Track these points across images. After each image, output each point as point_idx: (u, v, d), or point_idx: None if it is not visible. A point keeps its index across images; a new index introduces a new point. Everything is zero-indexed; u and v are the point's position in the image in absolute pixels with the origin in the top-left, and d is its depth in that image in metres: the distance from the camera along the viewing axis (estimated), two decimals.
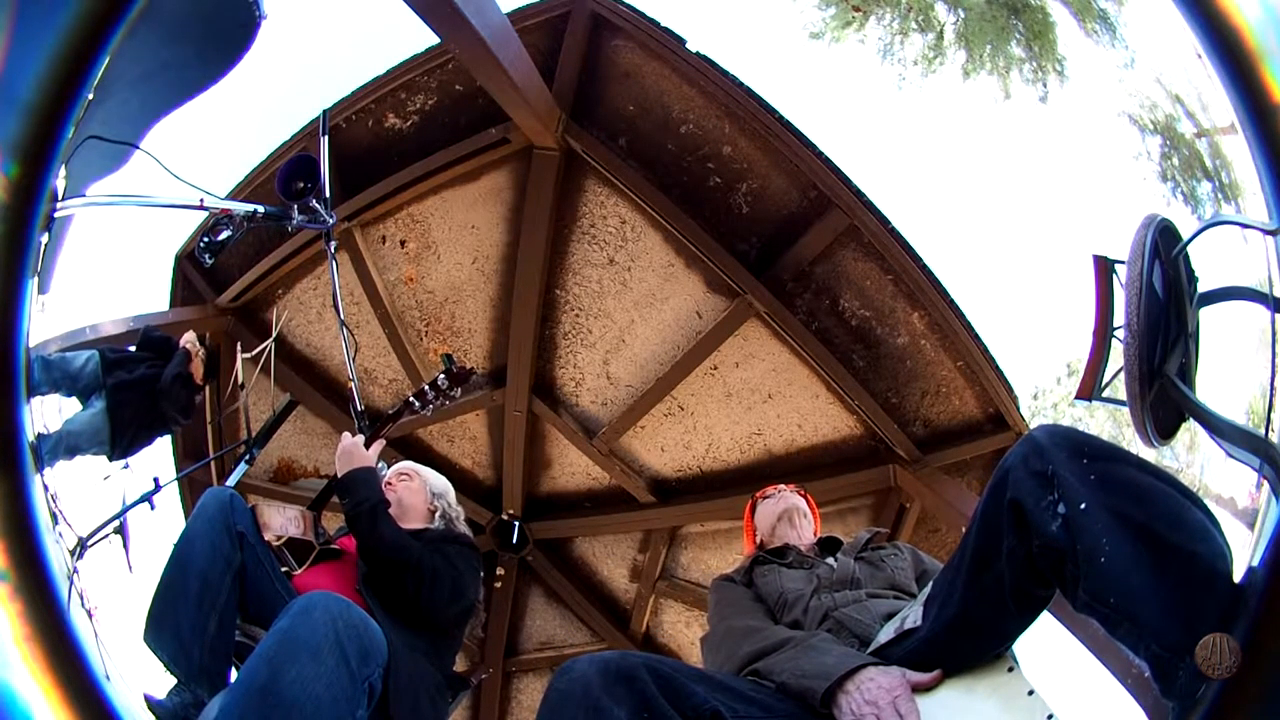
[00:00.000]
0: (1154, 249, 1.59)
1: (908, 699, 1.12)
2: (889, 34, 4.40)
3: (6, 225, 1.08)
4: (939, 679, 1.16)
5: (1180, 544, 0.95)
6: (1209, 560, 0.94)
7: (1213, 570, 0.93)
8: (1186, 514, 0.98)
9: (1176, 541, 0.95)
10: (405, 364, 4.22)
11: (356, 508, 1.83)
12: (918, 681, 1.15)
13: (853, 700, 1.13)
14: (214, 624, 1.58)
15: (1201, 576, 0.93)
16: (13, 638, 1.05)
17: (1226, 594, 0.92)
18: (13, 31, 1.05)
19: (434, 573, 1.77)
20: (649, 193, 3.57)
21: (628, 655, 1.05)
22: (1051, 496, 1.03)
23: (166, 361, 3.24)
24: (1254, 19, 1.05)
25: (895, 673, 1.16)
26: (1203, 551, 0.94)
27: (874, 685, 1.14)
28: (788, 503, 2.04)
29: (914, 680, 1.15)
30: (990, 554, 1.11)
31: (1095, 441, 1.07)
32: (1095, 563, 0.97)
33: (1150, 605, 0.93)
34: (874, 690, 1.13)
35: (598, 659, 1.04)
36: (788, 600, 1.62)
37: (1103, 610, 0.97)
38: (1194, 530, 0.97)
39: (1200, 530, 0.97)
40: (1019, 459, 1.09)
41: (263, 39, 3.12)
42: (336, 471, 1.94)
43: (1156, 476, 1.02)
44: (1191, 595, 0.92)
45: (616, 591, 4.83)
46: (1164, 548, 0.95)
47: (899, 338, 3.64)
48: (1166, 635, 0.91)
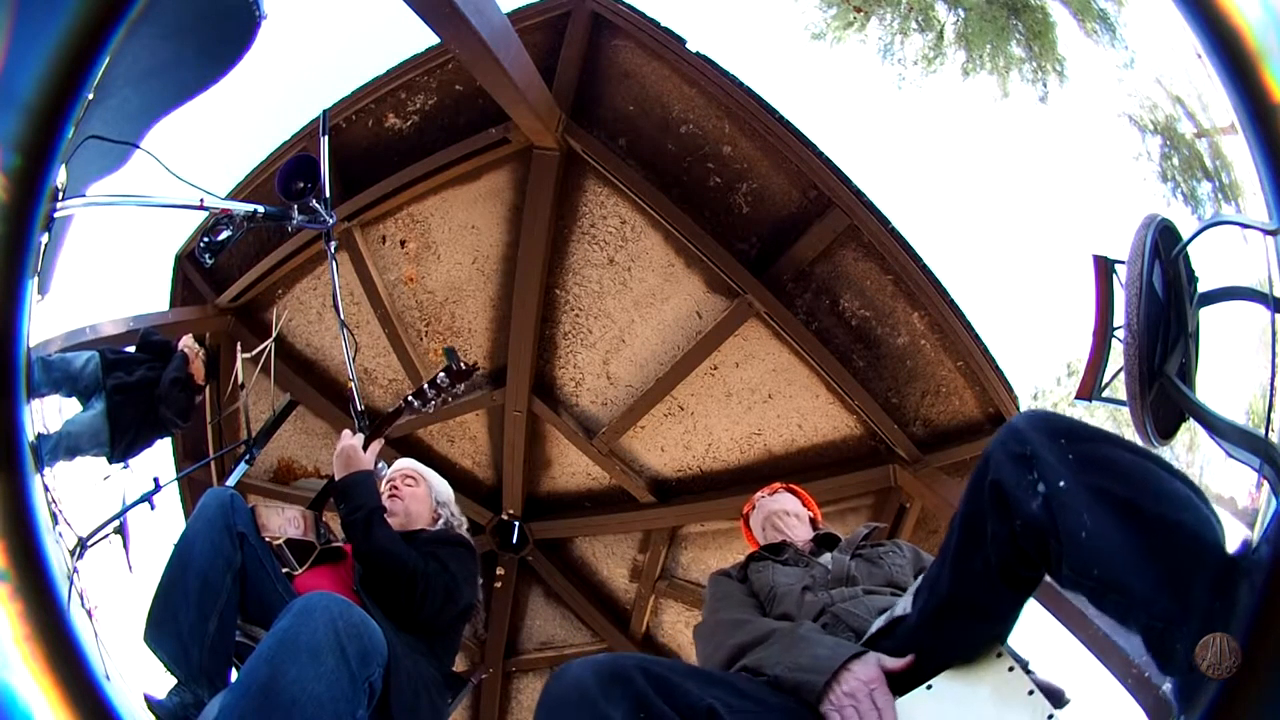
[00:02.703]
0: (1154, 249, 1.60)
1: (883, 690, 1.13)
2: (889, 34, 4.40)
3: (6, 225, 1.08)
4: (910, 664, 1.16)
5: (1163, 514, 0.95)
6: (1194, 527, 0.94)
7: (1198, 536, 0.93)
8: (1168, 486, 0.98)
9: (1159, 512, 0.95)
10: (405, 364, 4.22)
11: (352, 514, 1.83)
12: (890, 667, 1.16)
13: (834, 694, 1.14)
14: (214, 624, 1.58)
15: (1187, 543, 0.93)
16: (13, 638, 1.05)
17: (1214, 560, 0.92)
18: (13, 31, 1.05)
19: (427, 580, 1.77)
20: (649, 193, 3.57)
21: (621, 657, 1.06)
22: (1031, 476, 1.03)
23: (166, 364, 3.24)
24: (1254, 19, 1.05)
25: (871, 662, 1.17)
26: (1187, 519, 0.94)
27: (852, 678, 1.15)
28: (766, 509, 2.10)
29: (888, 666, 1.16)
30: (975, 538, 1.11)
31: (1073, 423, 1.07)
32: (1077, 538, 0.97)
33: (1136, 574, 0.92)
34: (852, 683, 1.14)
35: (591, 661, 1.05)
36: (777, 594, 1.64)
37: (1088, 584, 0.97)
38: (1177, 501, 0.97)
39: (1183, 500, 0.97)
40: (999, 444, 1.10)
41: (263, 39, 3.13)
42: (334, 474, 1.93)
43: (1136, 453, 1.03)
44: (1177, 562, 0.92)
45: (616, 591, 4.83)
46: (1146, 519, 0.95)
47: (899, 338, 3.64)
48: (1155, 604, 0.91)
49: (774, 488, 2.21)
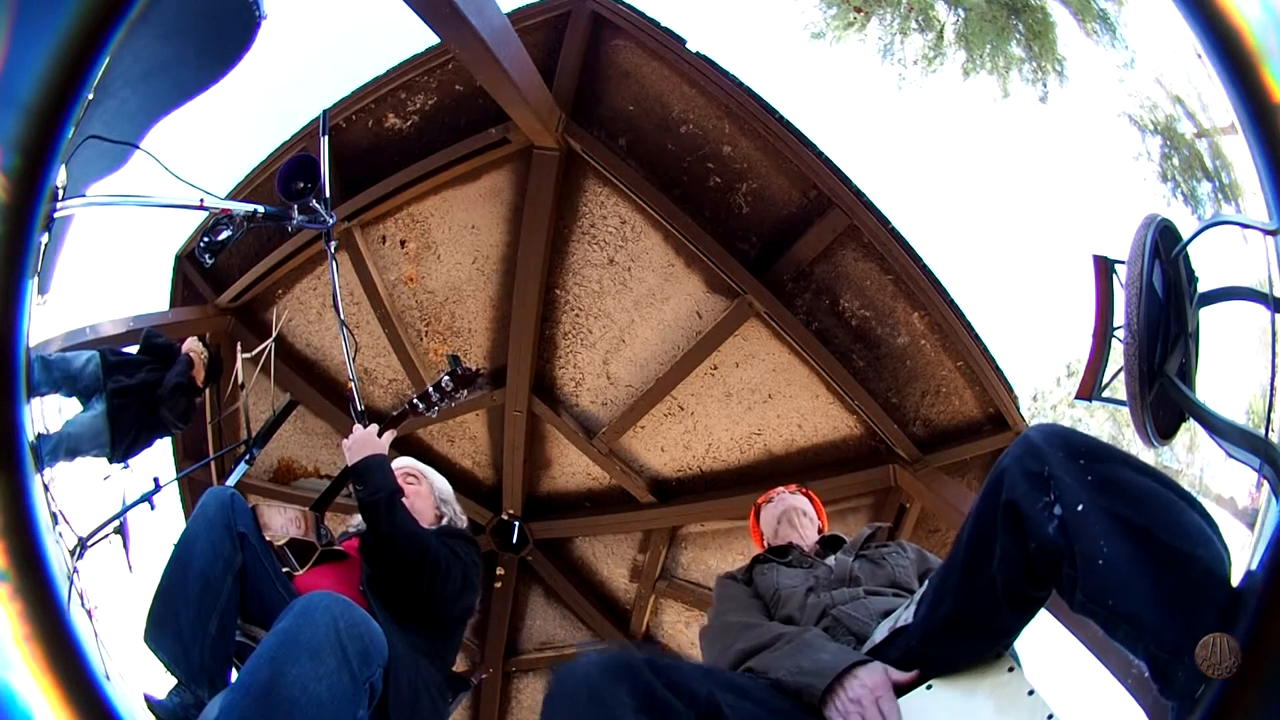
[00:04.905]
0: (1154, 249, 1.60)
1: (890, 698, 1.14)
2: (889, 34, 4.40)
3: (6, 225, 1.08)
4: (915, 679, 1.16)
5: (1179, 547, 0.94)
6: (1207, 563, 0.93)
7: (1211, 573, 0.93)
8: (1185, 517, 0.98)
9: (1175, 544, 0.94)
10: (405, 364, 4.22)
11: (373, 495, 1.82)
12: (897, 679, 1.17)
13: (839, 699, 1.15)
14: (215, 624, 1.58)
15: (1200, 579, 0.93)
16: (13, 638, 1.05)
17: (1224, 597, 0.92)
18: (13, 31, 1.05)
19: (447, 565, 1.78)
20: (649, 193, 3.57)
21: (626, 651, 1.06)
22: (1048, 498, 1.02)
23: (167, 367, 3.24)
24: (1254, 19, 1.05)
25: (878, 671, 1.17)
26: (1201, 555, 0.94)
27: (858, 684, 1.15)
28: (786, 504, 2.10)
29: (895, 679, 1.17)
30: (985, 555, 1.11)
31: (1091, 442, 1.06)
32: (1093, 565, 0.96)
33: (1148, 607, 0.92)
34: (859, 689, 1.14)
35: (597, 654, 1.05)
36: (781, 596, 1.64)
37: (1101, 612, 0.97)
38: (1192, 533, 0.96)
39: (1199, 533, 0.96)
40: (1014, 460, 1.09)
41: (262, 39, 3.13)
42: (348, 460, 1.93)
43: (1154, 479, 1.02)
44: (1190, 598, 0.92)
45: (616, 591, 4.83)
46: (1162, 551, 0.94)
47: (899, 338, 3.64)
48: (1165, 637, 0.91)
49: (791, 487, 2.22)
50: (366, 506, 1.82)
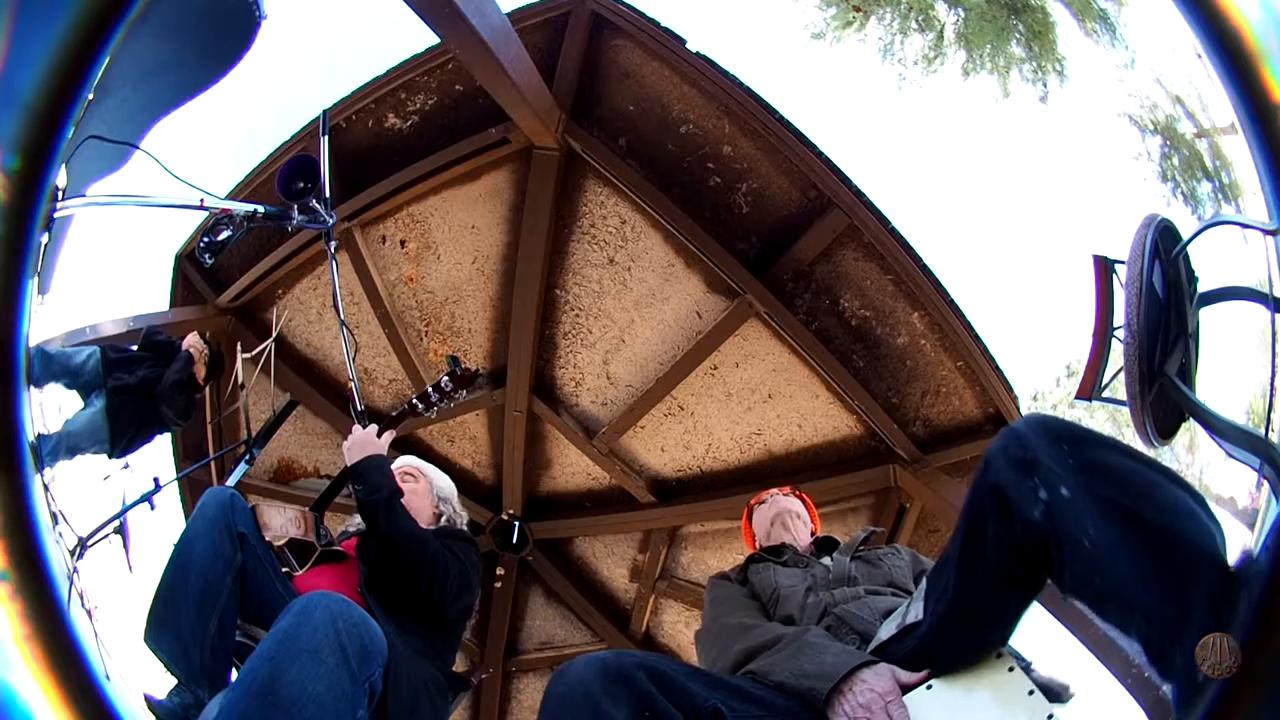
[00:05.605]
0: (1154, 249, 1.60)
1: (899, 702, 1.13)
2: (889, 34, 4.40)
3: (6, 225, 1.08)
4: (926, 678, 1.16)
5: (1165, 524, 0.94)
6: (1194, 537, 0.93)
7: (1199, 547, 0.93)
8: (1170, 495, 0.98)
9: (1161, 522, 0.94)
10: (405, 364, 4.22)
11: (372, 495, 1.82)
12: (906, 681, 1.16)
13: (846, 702, 1.13)
14: (214, 624, 1.58)
15: (1188, 554, 0.92)
16: (13, 638, 1.05)
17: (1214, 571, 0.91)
18: (13, 31, 1.05)
19: (445, 565, 1.78)
20: (649, 193, 3.57)
21: (623, 655, 1.05)
22: (1032, 482, 1.03)
23: (167, 364, 3.24)
24: (1254, 19, 1.05)
25: (885, 674, 1.16)
26: (1188, 529, 0.94)
27: (866, 688, 1.14)
28: (779, 506, 2.10)
29: (903, 680, 1.16)
30: (978, 543, 1.11)
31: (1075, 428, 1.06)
32: (1079, 546, 0.97)
33: (1137, 584, 0.92)
34: (867, 694, 1.13)
35: (594, 660, 1.04)
36: (780, 595, 1.63)
37: (1090, 593, 0.97)
38: (1178, 510, 0.96)
39: (1185, 510, 0.96)
40: (1000, 448, 1.09)
41: (262, 39, 3.13)
42: (347, 460, 1.93)
43: (1138, 460, 1.02)
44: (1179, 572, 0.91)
45: (616, 591, 4.83)
46: (1148, 528, 0.94)
47: (899, 338, 3.64)
48: (1155, 612, 0.91)
49: (785, 489, 2.21)
50: (365, 507, 1.83)
